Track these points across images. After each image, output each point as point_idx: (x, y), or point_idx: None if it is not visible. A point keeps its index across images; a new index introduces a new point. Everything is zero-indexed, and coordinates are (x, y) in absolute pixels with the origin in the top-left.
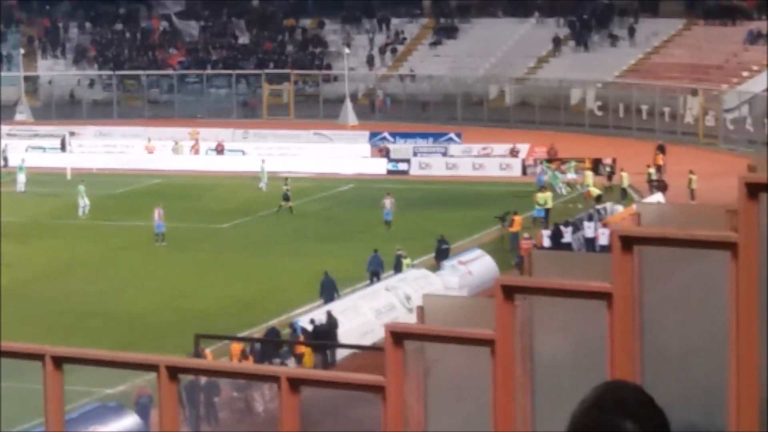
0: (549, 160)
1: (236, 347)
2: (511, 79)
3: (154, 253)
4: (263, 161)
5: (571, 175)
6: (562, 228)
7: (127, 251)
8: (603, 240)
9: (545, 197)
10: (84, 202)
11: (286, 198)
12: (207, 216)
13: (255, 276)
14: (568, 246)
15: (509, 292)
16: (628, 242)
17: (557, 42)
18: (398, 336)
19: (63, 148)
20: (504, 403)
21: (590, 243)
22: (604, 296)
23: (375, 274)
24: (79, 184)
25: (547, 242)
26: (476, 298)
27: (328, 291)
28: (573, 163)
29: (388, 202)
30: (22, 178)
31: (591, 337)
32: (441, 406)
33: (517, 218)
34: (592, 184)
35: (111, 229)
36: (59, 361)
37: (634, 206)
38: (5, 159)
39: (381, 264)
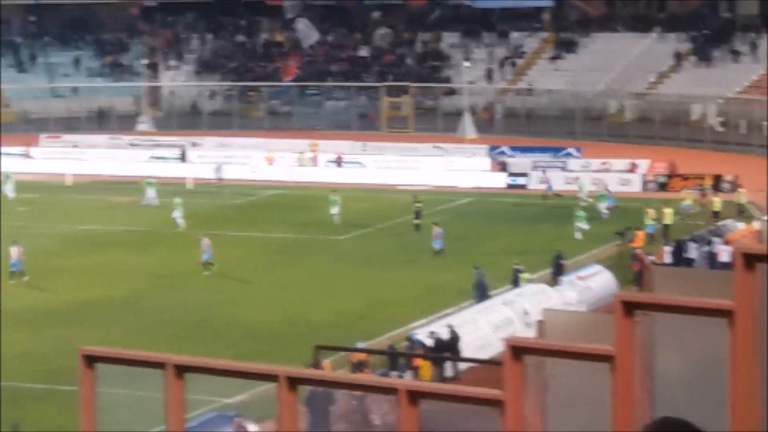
0: (669, 176)
1: (358, 357)
2: (630, 94)
3: (272, 264)
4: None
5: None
6: (690, 244)
7: (246, 262)
8: (724, 257)
9: (665, 212)
10: (178, 214)
11: (418, 215)
12: (325, 228)
13: (371, 288)
14: (689, 262)
15: (629, 308)
16: (750, 260)
17: (678, 57)
18: (517, 350)
19: (183, 158)
20: (623, 420)
21: (712, 259)
22: (726, 314)
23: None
24: (176, 197)
25: (668, 258)
26: (596, 313)
27: (481, 290)
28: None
29: (436, 232)
30: (151, 192)
31: (711, 355)
32: (559, 421)
33: (639, 233)
34: (715, 200)
35: (229, 239)
36: (181, 370)
37: (754, 223)
38: (219, 172)
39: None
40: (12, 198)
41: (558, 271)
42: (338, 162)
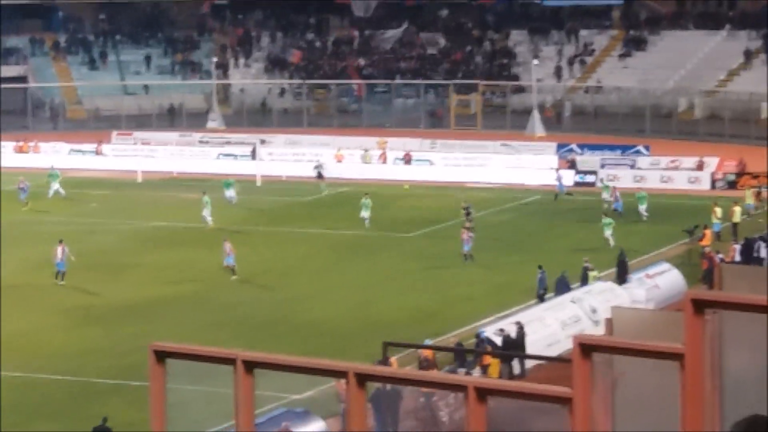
0: (738, 174)
1: (428, 354)
2: (700, 91)
3: (340, 261)
4: None
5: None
6: (759, 243)
7: (314, 259)
8: None
9: (734, 210)
10: (207, 212)
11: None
12: (394, 225)
13: (439, 285)
14: (759, 261)
15: (700, 306)
16: None
17: (748, 55)
18: (587, 348)
19: (253, 155)
20: (693, 418)
21: None
22: None
23: (567, 287)
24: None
25: (737, 257)
26: (665, 311)
27: (564, 286)
28: None
29: (465, 236)
30: (230, 192)
31: None
32: (628, 419)
33: (708, 232)
34: None
35: (298, 236)
36: (250, 366)
37: None
38: (320, 172)
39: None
40: (60, 196)
41: (622, 270)
42: (407, 159)
